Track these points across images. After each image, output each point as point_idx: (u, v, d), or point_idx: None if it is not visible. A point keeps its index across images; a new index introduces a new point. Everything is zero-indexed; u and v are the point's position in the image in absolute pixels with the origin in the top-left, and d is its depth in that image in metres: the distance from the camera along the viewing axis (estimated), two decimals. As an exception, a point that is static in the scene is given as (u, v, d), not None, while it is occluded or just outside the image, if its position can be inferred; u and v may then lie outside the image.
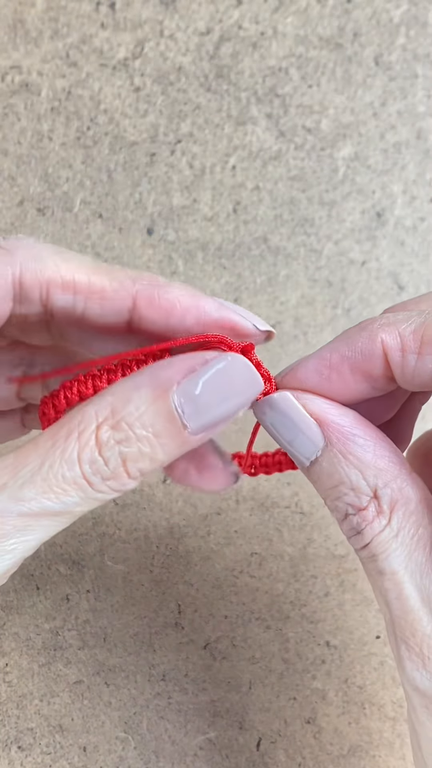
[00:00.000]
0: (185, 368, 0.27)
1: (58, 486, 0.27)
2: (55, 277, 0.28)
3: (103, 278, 0.28)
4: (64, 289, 0.28)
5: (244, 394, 0.28)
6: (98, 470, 0.27)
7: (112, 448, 0.27)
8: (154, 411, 0.27)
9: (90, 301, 0.28)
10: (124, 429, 0.27)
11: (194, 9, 0.45)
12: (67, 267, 0.28)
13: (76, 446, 0.27)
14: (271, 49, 0.45)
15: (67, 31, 0.45)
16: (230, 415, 0.28)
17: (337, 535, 0.42)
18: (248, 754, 0.40)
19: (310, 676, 0.41)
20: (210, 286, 0.44)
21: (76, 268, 0.28)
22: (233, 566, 0.41)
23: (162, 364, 0.28)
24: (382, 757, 0.40)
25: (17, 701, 0.40)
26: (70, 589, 0.41)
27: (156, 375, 0.27)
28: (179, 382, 0.27)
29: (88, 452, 0.27)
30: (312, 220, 0.44)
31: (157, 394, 0.27)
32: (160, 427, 0.27)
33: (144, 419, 0.27)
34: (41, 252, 0.28)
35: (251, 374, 0.28)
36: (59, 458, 0.27)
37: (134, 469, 0.27)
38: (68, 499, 0.27)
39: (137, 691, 0.40)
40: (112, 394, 0.27)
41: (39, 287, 0.28)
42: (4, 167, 0.45)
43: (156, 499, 0.42)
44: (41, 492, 0.27)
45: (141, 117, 0.45)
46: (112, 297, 0.28)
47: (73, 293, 0.28)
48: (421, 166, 0.45)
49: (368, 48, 0.45)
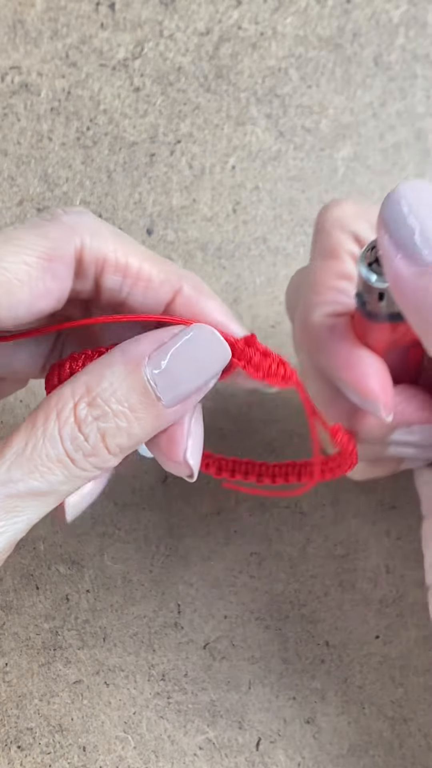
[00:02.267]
0: (155, 342, 0.28)
1: (43, 465, 0.27)
2: (111, 257, 0.28)
3: (153, 267, 0.29)
4: (116, 270, 0.29)
5: (213, 363, 0.29)
6: (79, 446, 0.27)
7: (90, 425, 0.27)
8: (128, 386, 0.28)
9: (135, 287, 0.29)
10: (100, 405, 0.27)
11: (194, 9, 0.45)
12: (123, 249, 0.29)
13: (56, 425, 0.27)
14: (271, 49, 0.45)
15: (67, 32, 0.45)
16: (202, 385, 0.28)
17: (337, 535, 0.42)
18: (248, 754, 0.40)
19: (310, 676, 0.41)
20: (210, 286, 0.44)
21: (131, 251, 0.29)
22: (233, 566, 0.41)
23: (132, 340, 0.28)
24: (382, 756, 0.40)
25: (17, 701, 0.40)
26: (69, 589, 0.41)
27: (127, 350, 0.28)
28: (150, 355, 0.28)
29: (68, 429, 0.27)
30: (312, 221, 0.44)
31: (130, 369, 0.28)
32: (134, 401, 0.28)
33: (118, 394, 0.28)
34: (101, 229, 0.29)
35: (219, 343, 0.28)
36: (41, 437, 0.27)
37: (113, 444, 0.28)
38: (53, 478, 0.27)
39: (137, 690, 0.40)
40: (87, 373, 0.28)
41: (95, 265, 0.28)
42: (3, 167, 0.45)
43: (156, 499, 0.42)
44: (27, 472, 0.27)
45: (141, 117, 0.45)
46: (156, 288, 0.29)
47: (123, 276, 0.29)
48: (421, 167, 0.45)
49: (368, 48, 0.46)
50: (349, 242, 0.32)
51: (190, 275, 0.30)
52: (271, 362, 0.29)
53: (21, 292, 0.27)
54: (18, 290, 0.27)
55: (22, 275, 0.27)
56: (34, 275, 0.27)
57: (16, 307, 0.28)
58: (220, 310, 0.30)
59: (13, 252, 0.27)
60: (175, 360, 0.28)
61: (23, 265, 0.27)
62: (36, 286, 0.28)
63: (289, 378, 0.29)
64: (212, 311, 0.29)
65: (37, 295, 0.28)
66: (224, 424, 0.42)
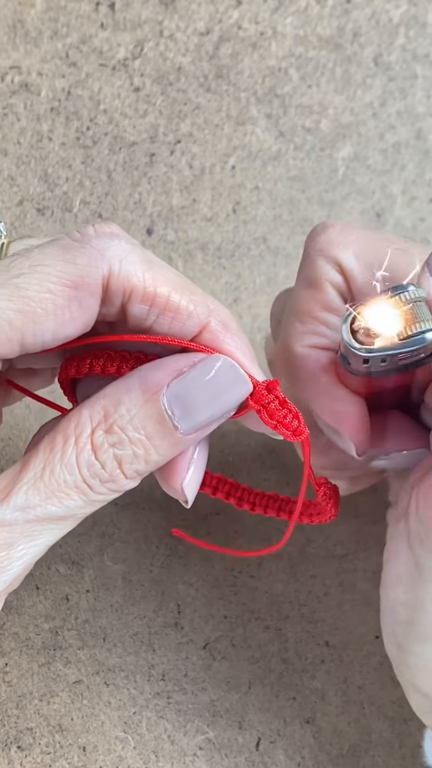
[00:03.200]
0: (173, 370, 0.28)
1: (61, 491, 0.27)
2: (140, 286, 0.28)
3: (182, 298, 0.28)
4: (144, 299, 0.28)
5: (231, 395, 0.28)
6: (96, 473, 0.27)
7: (106, 452, 0.27)
8: (145, 413, 0.27)
9: (162, 317, 0.28)
10: (116, 432, 0.27)
11: (194, 9, 0.45)
12: (152, 277, 0.28)
13: (74, 451, 0.27)
14: (271, 49, 0.45)
15: (67, 32, 0.45)
16: (220, 415, 0.28)
17: (337, 534, 0.42)
18: (247, 754, 0.40)
19: (310, 676, 0.41)
20: (210, 286, 0.44)
21: (160, 280, 0.28)
22: (233, 566, 0.41)
23: (151, 366, 0.28)
24: (382, 756, 0.40)
25: (17, 701, 0.40)
26: (69, 589, 0.41)
27: (145, 377, 0.28)
28: (168, 384, 0.27)
29: (85, 456, 0.27)
30: (312, 221, 0.44)
31: (147, 397, 0.27)
32: (151, 429, 0.27)
33: (135, 422, 0.27)
34: (131, 256, 0.28)
35: (238, 375, 0.28)
36: (59, 463, 0.27)
37: (131, 470, 0.28)
38: (71, 503, 0.27)
39: (137, 690, 0.40)
40: (105, 396, 0.28)
41: (122, 293, 0.28)
42: (3, 167, 0.45)
43: (156, 499, 0.42)
44: (45, 498, 0.27)
45: (140, 117, 0.45)
46: (183, 320, 0.28)
47: (150, 305, 0.28)
48: (421, 167, 0.45)
49: (368, 48, 0.46)
50: (331, 272, 0.32)
51: (219, 310, 0.29)
52: (287, 413, 0.28)
53: (46, 321, 0.27)
54: (43, 319, 0.27)
55: (47, 304, 0.27)
56: (59, 304, 0.27)
57: (41, 335, 0.27)
58: (243, 351, 0.29)
59: (38, 280, 0.27)
60: (194, 390, 0.27)
61: (48, 293, 0.27)
62: (62, 314, 0.27)
63: (300, 433, 0.29)
64: (234, 351, 0.29)
65: (63, 323, 0.27)
66: (225, 424, 0.42)
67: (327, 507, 0.31)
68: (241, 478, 0.41)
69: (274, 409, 0.28)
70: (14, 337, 0.27)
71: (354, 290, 0.32)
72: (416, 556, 0.30)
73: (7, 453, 0.43)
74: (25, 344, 0.27)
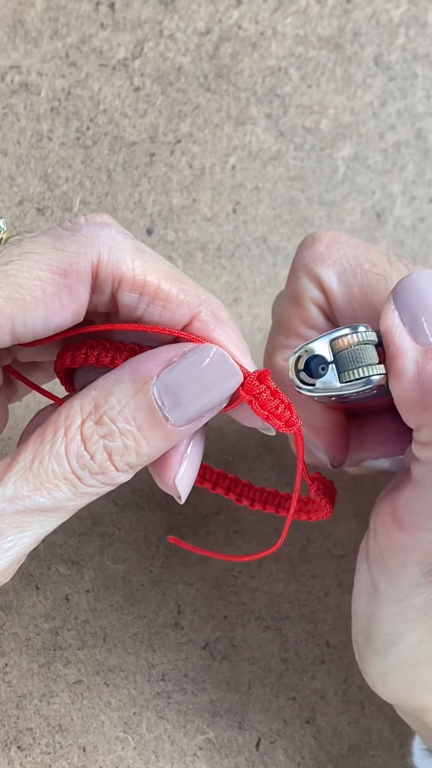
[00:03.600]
0: (163, 360, 0.28)
1: (49, 482, 0.27)
2: (129, 274, 0.28)
3: (172, 287, 0.28)
4: (133, 287, 0.28)
5: (222, 385, 0.28)
6: (85, 465, 0.27)
7: (96, 443, 0.27)
8: (135, 404, 0.27)
9: (152, 306, 0.28)
10: (107, 423, 0.27)
11: (194, 9, 0.45)
12: (142, 266, 0.28)
13: (63, 442, 0.27)
14: (271, 49, 0.45)
15: (67, 31, 0.45)
16: (211, 406, 0.28)
17: (337, 534, 0.42)
18: (247, 754, 0.40)
19: (310, 676, 0.41)
20: (210, 286, 0.44)
21: (150, 269, 0.28)
22: (233, 566, 0.41)
23: (141, 356, 0.28)
24: (382, 756, 0.40)
25: (17, 701, 0.40)
26: (69, 589, 0.41)
27: (135, 368, 0.28)
28: (158, 374, 0.27)
29: (74, 447, 0.27)
30: (312, 221, 0.44)
31: (137, 388, 0.27)
32: (142, 420, 0.27)
33: (126, 413, 0.27)
34: (120, 244, 0.28)
35: (228, 365, 0.28)
36: (48, 454, 0.27)
37: (121, 462, 0.28)
38: (60, 495, 0.27)
39: (137, 691, 0.40)
40: (96, 388, 0.28)
41: (112, 281, 0.28)
42: (3, 167, 0.45)
43: (156, 499, 0.42)
44: (33, 489, 0.27)
45: (140, 117, 0.45)
46: (173, 309, 0.28)
47: (139, 293, 0.28)
48: (421, 167, 0.45)
49: (368, 48, 0.46)
50: (313, 290, 0.32)
51: (211, 300, 0.29)
52: (279, 403, 0.28)
53: (36, 308, 0.27)
54: (33, 307, 0.27)
55: (36, 291, 0.27)
56: (49, 291, 0.27)
57: (32, 323, 0.27)
58: (234, 341, 0.29)
59: (28, 267, 0.27)
60: (184, 380, 0.27)
61: (37, 281, 0.27)
62: (51, 302, 0.27)
63: (292, 424, 0.28)
64: (225, 341, 0.28)
65: (53, 311, 0.27)
66: (223, 423, 0.42)
67: (322, 503, 0.31)
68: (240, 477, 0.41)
69: (266, 400, 0.28)
70: (4, 325, 0.27)
71: (335, 310, 0.31)
72: (372, 575, 0.30)
73: (7, 453, 0.43)
74: (15, 333, 0.27)
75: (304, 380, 0.28)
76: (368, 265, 0.31)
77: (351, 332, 0.28)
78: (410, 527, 0.28)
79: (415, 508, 0.28)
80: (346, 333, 0.28)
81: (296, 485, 0.30)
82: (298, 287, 0.32)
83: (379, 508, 0.30)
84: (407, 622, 0.29)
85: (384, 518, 0.29)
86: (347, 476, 0.42)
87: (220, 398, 0.28)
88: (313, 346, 0.28)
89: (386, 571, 0.29)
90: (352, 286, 0.31)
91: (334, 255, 0.31)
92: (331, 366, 0.28)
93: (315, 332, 0.32)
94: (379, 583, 0.30)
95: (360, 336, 0.27)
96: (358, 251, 0.31)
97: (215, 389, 0.28)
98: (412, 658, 0.30)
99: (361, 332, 0.27)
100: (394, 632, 0.30)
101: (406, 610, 0.29)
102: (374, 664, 0.31)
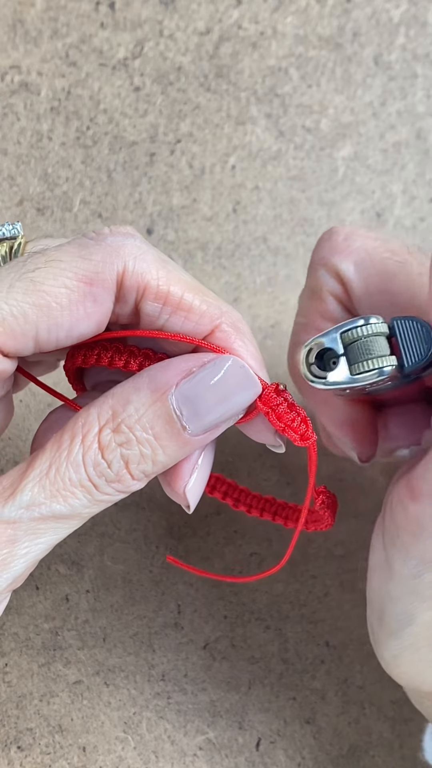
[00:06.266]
0: (183, 370, 0.28)
1: (66, 489, 0.27)
2: (153, 284, 0.28)
3: (195, 298, 0.28)
4: (157, 297, 0.28)
5: (240, 396, 0.28)
6: (102, 473, 0.27)
7: (113, 451, 0.27)
8: (153, 413, 0.27)
9: (174, 316, 0.28)
10: (124, 431, 0.27)
11: (194, 9, 0.45)
12: (166, 276, 0.28)
13: (80, 449, 0.27)
14: (271, 48, 0.45)
15: (67, 31, 0.45)
16: (229, 416, 0.28)
17: (337, 534, 0.42)
18: (247, 754, 0.40)
19: (310, 676, 0.41)
20: (210, 286, 0.44)
21: (174, 280, 0.28)
22: (233, 566, 0.41)
23: (160, 365, 0.28)
24: (382, 757, 0.40)
25: (17, 701, 0.40)
26: (69, 590, 0.41)
27: (154, 377, 0.28)
28: (177, 383, 0.27)
29: (91, 455, 0.27)
30: (312, 220, 0.44)
31: (156, 397, 0.27)
32: (159, 429, 0.27)
33: (143, 422, 0.27)
34: (145, 254, 0.28)
35: (248, 376, 0.28)
36: (65, 461, 0.27)
37: (137, 471, 0.28)
38: (76, 502, 0.27)
39: (137, 691, 0.40)
40: (113, 396, 0.28)
41: (136, 291, 0.28)
42: (3, 167, 0.45)
43: (156, 499, 0.42)
44: (50, 496, 0.27)
45: (141, 117, 0.45)
46: (195, 320, 0.28)
47: (163, 303, 0.28)
48: (421, 166, 0.45)
49: (368, 48, 0.46)
50: (331, 282, 0.32)
51: (231, 312, 0.29)
52: (295, 416, 0.28)
53: (61, 315, 0.27)
54: (58, 314, 0.27)
55: (62, 299, 0.27)
56: (74, 299, 0.27)
57: (56, 331, 0.27)
58: (251, 355, 0.29)
59: (54, 275, 0.27)
60: (203, 390, 0.27)
61: (63, 288, 0.27)
62: (76, 310, 0.27)
63: (307, 438, 0.28)
64: (244, 353, 0.29)
65: (77, 318, 0.27)
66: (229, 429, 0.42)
67: (325, 515, 0.31)
68: (241, 478, 0.41)
69: (283, 412, 0.28)
70: (29, 332, 0.27)
71: (354, 300, 0.32)
72: (387, 552, 0.30)
73: (7, 453, 0.43)
74: (39, 340, 0.27)
75: (316, 373, 0.28)
76: (388, 254, 0.31)
77: (361, 324, 0.28)
78: (424, 498, 0.28)
79: (429, 478, 0.28)
80: (357, 325, 0.28)
81: (306, 500, 0.30)
82: (316, 281, 0.32)
83: (395, 484, 0.30)
84: (421, 601, 0.29)
85: (399, 491, 0.29)
86: (347, 476, 0.42)
87: (238, 409, 0.28)
88: (324, 339, 0.28)
89: (401, 546, 0.29)
90: (371, 274, 0.31)
91: (352, 246, 0.32)
92: (342, 359, 0.28)
93: (333, 325, 0.32)
94: (394, 560, 0.30)
95: (370, 328, 0.27)
96: (376, 243, 0.31)
97: (233, 399, 0.28)
98: (426, 639, 0.30)
99: (372, 324, 0.28)
100: (407, 611, 0.30)
101: (419, 587, 0.29)
102: (388, 646, 0.31)
